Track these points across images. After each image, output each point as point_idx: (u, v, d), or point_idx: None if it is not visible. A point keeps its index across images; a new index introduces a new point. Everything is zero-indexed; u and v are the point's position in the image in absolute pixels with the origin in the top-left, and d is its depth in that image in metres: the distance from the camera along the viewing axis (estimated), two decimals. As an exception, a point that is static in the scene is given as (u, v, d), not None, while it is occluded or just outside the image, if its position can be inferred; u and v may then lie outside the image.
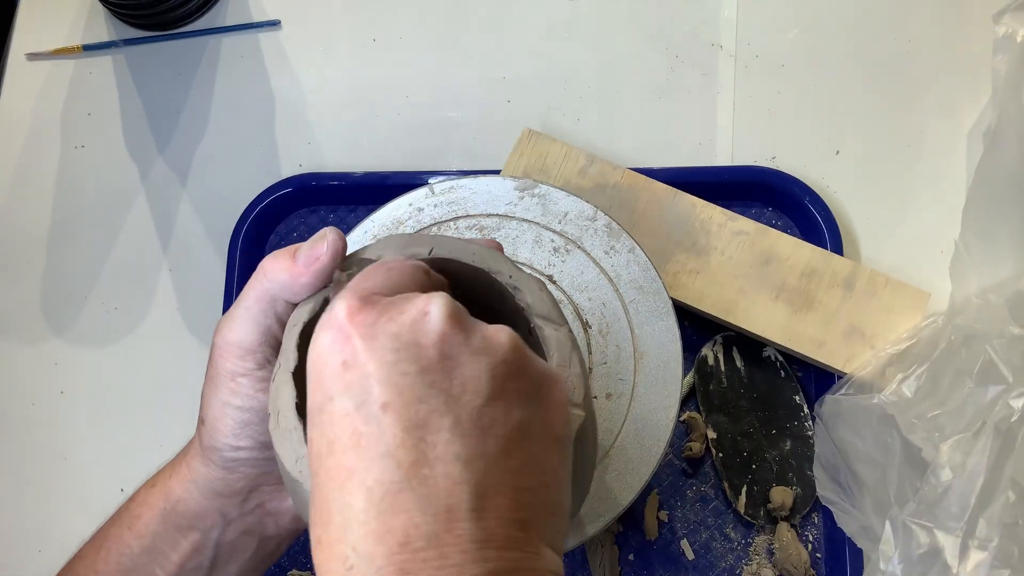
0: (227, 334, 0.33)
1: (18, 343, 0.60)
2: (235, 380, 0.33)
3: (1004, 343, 0.46)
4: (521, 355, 0.28)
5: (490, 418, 0.26)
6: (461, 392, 0.26)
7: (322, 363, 0.27)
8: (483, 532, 0.25)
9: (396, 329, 0.27)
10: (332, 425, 0.26)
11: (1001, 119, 0.52)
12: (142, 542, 0.35)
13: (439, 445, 0.25)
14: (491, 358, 0.27)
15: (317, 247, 0.32)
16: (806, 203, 0.56)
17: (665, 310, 0.45)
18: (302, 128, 0.63)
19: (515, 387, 0.27)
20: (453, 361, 0.26)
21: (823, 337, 0.51)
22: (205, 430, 0.34)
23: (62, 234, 0.62)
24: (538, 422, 0.27)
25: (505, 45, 0.63)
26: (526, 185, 0.48)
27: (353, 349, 0.26)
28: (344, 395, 0.26)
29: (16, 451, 0.58)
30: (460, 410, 0.26)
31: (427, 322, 0.27)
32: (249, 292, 0.33)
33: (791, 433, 0.52)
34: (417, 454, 0.25)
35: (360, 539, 0.24)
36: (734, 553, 0.51)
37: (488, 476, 0.25)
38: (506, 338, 0.28)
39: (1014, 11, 0.53)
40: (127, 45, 0.65)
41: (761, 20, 0.62)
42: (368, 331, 0.26)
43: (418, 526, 0.24)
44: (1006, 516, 0.43)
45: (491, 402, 0.26)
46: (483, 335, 0.27)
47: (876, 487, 0.47)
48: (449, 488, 0.25)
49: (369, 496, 0.24)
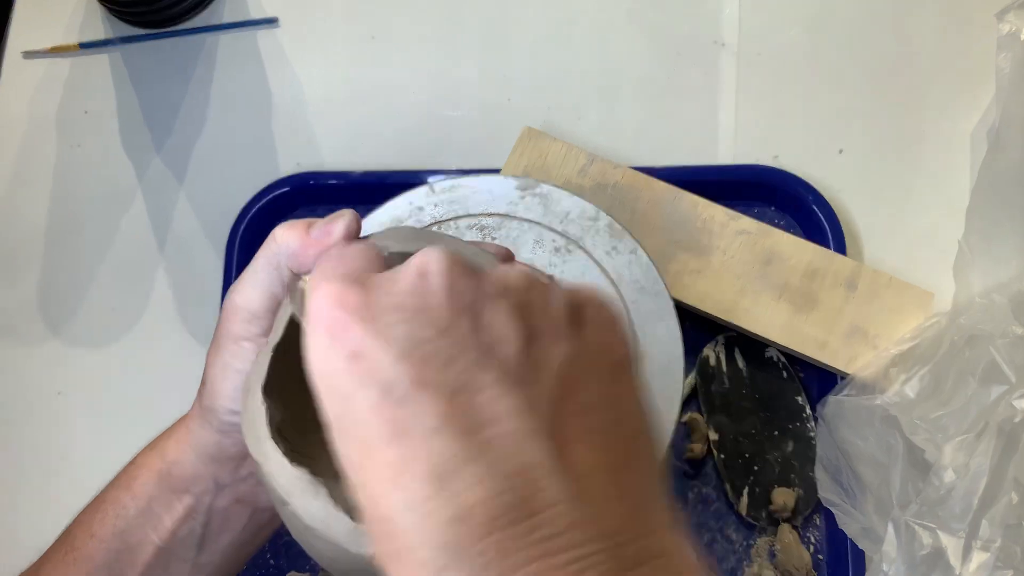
0: (235, 297, 0.33)
1: (15, 343, 0.60)
2: (238, 343, 0.33)
3: (1008, 343, 0.45)
4: (540, 286, 0.25)
5: (534, 361, 0.23)
6: (492, 342, 0.23)
7: (327, 366, 0.24)
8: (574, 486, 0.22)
9: (396, 300, 0.24)
10: (359, 425, 0.23)
11: (1005, 118, 0.52)
12: (138, 503, 0.35)
13: (489, 403, 0.22)
14: (510, 299, 0.24)
15: (334, 223, 0.31)
16: (809, 202, 0.55)
17: (667, 311, 0.45)
18: (300, 127, 0.62)
19: (548, 323, 0.24)
20: (471, 312, 0.24)
21: (825, 337, 0.51)
22: (205, 391, 0.34)
23: (59, 233, 0.61)
24: (589, 351, 0.25)
25: (505, 43, 0.63)
26: (527, 184, 0.48)
27: (354, 337, 0.23)
28: (363, 388, 0.23)
29: (14, 451, 0.57)
30: (499, 361, 0.23)
31: (429, 281, 0.24)
32: (259, 258, 0.33)
33: (793, 434, 0.52)
34: (469, 420, 0.22)
35: (439, 532, 0.21)
36: (736, 555, 0.51)
37: (556, 421, 0.23)
38: (520, 273, 0.25)
39: (1017, 9, 0.53)
40: (124, 43, 0.65)
41: (763, 18, 0.62)
42: (365, 312, 0.24)
43: (498, 496, 0.21)
44: (1009, 517, 0.43)
45: (528, 344, 0.24)
46: (495, 277, 0.25)
47: (878, 488, 0.47)
48: (518, 445, 0.22)
49: (431, 481, 0.22)
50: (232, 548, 0.37)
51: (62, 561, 0.37)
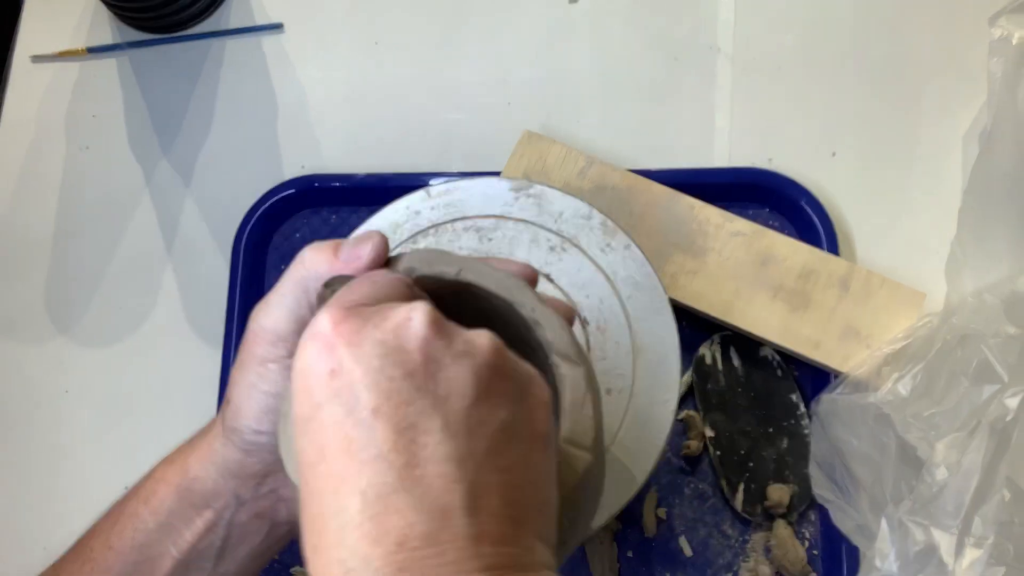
0: (261, 319, 0.34)
1: (23, 343, 0.60)
2: (264, 365, 0.34)
3: (999, 343, 0.46)
4: (503, 357, 0.28)
5: (477, 419, 0.27)
6: (447, 394, 0.27)
7: (308, 373, 0.27)
8: (477, 529, 0.25)
9: (381, 336, 0.27)
10: (322, 432, 0.26)
11: (996, 121, 0.52)
12: (157, 518, 0.36)
13: (430, 446, 0.26)
14: (474, 360, 0.28)
15: (362, 246, 0.33)
16: (803, 204, 0.56)
17: (662, 305, 0.46)
18: (304, 130, 0.63)
19: (499, 388, 0.28)
20: (437, 364, 0.27)
21: (820, 337, 0.52)
22: (230, 411, 0.35)
23: (67, 235, 0.62)
24: (523, 421, 0.28)
25: (505, 48, 0.64)
26: (521, 185, 0.48)
27: (339, 357, 0.27)
28: (332, 402, 0.26)
29: (21, 450, 0.58)
30: (448, 411, 0.26)
31: (410, 327, 0.27)
32: (286, 280, 0.34)
33: (788, 431, 0.53)
34: (408, 456, 0.25)
35: (357, 542, 0.25)
36: (732, 550, 0.52)
37: (479, 475, 0.26)
38: (487, 341, 0.28)
39: (1009, 13, 0.54)
40: (131, 48, 0.66)
41: (758, 23, 0.63)
42: (353, 339, 0.27)
43: (413, 525, 0.25)
44: (1001, 514, 0.43)
45: (477, 403, 0.27)
46: (465, 339, 0.28)
47: (872, 485, 0.48)
48: (443, 487, 0.25)
49: (364, 499, 0.25)
50: (249, 559, 0.38)
51: (79, 571, 0.37)
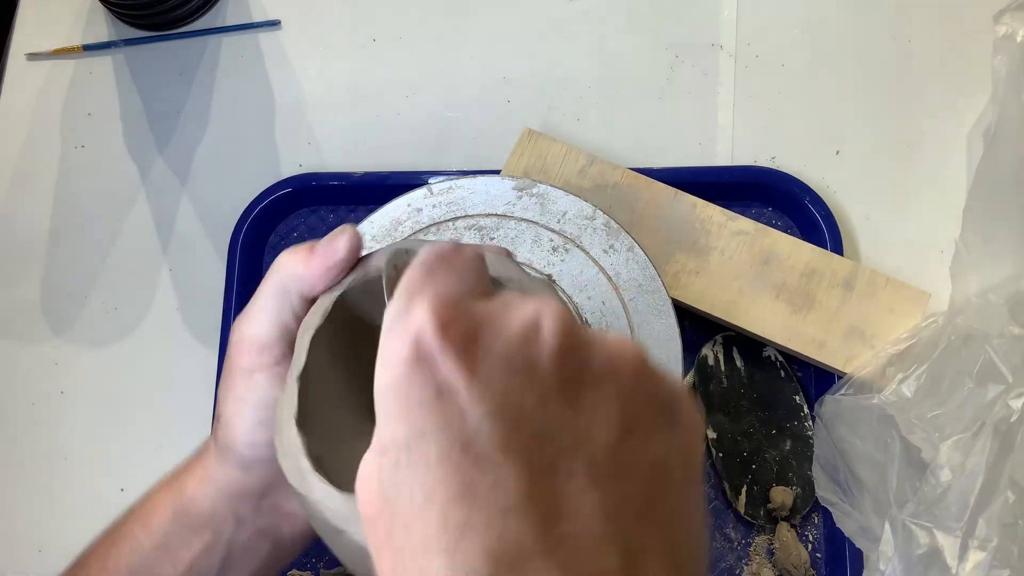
0: (243, 329, 0.32)
1: (18, 343, 0.60)
2: (251, 376, 0.32)
3: (1004, 343, 0.46)
4: (650, 373, 0.23)
5: (627, 457, 0.22)
6: (590, 427, 0.22)
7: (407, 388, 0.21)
8: None
9: (505, 347, 0.22)
10: (429, 470, 0.21)
11: (1001, 119, 0.52)
12: (153, 540, 0.35)
13: (574, 495, 0.21)
14: (619, 381, 0.22)
15: (336, 241, 0.31)
16: (806, 203, 0.56)
17: (664, 308, 0.45)
18: (302, 128, 0.63)
19: (649, 415, 0.23)
20: (576, 387, 0.22)
21: (823, 337, 0.51)
22: (220, 427, 0.33)
23: (62, 234, 0.62)
24: (677, 454, 0.23)
25: (505, 45, 0.63)
26: (524, 184, 0.48)
27: (450, 372, 0.21)
28: (444, 431, 0.21)
29: (16, 451, 0.58)
30: (593, 449, 0.21)
31: (541, 338, 0.22)
32: (265, 286, 0.32)
33: (791, 433, 0.52)
34: (548, 506, 0.20)
35: None
36: (734, 553, 0.51)
37: (636, 530, 0.21)
38: (633, 354, 0.23)
39: (1014, 11, 0.53)
40: (127, 45, 0.65)
41: (761, 20, 0.62)
42: (468, 350, 0.21)
43: None
44: (1005, 516, 0.43)
45: (626, 436, 0.22)
46: (607, 352, 0.23)
47: (875, 487, 0.47)
48: (593, 549, 0.20)
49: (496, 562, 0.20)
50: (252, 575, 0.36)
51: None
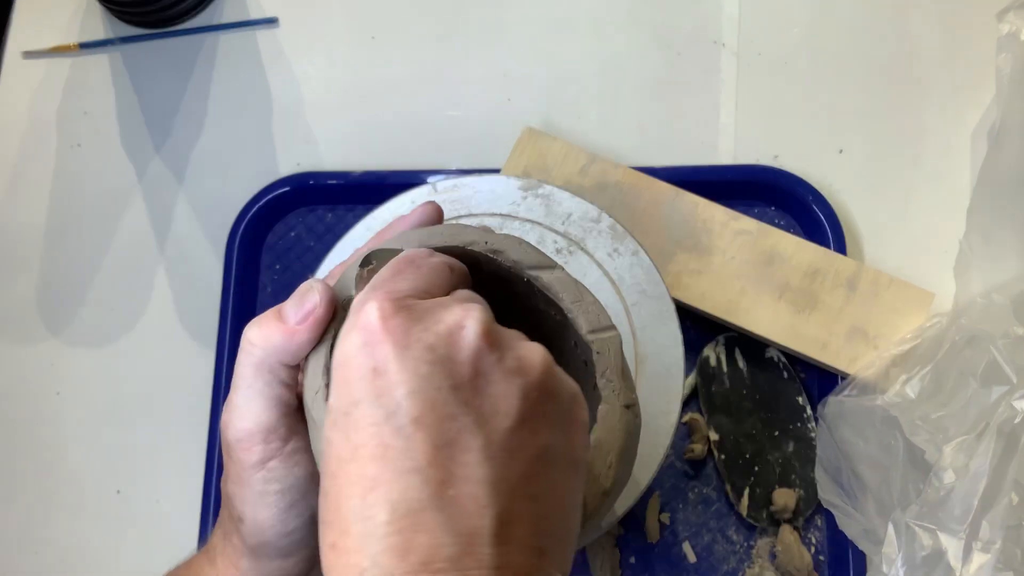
0: (239, 424, 0.31)
1: (14, 343, 0.59)
2: (266, 467, 0.31)
3: (1008, 344, 0.45)
4: (553, 377, 0.28)
5: (518, 441, 0.26)
6: (492, 413, 0.26)
7: (350, 365, 0.26)
8: (502, 559, 0.24)
9: (431, 340, 0.26)
10: (357, 431, 0.25)
11: (1005, 118, 0.52)
12: None
13: (467, 466, 0.25)
14: (524, 379, 0.27)
15: (308, 299, 0.30)
16: (809, 202, 0.55)
17: (668, 314, 0.45)
18: (300, 127, 0.62)
19: (545, 410, 0.27)
20: (486, 379, 0.26)
21: (826, 338, 0.51)
22: (247, 530, 0.32)
23: (58, 233, 0.61)
24: (561, 446, 0.27)
25: (505, 43, 0.63)
26: (530, 185, 0.48)
27: (385, 356, 0.26)
28: (372, 403, 0.25)
29: (12, 452, 0.57)
30: (490, 431, 0.25)
31: (463, 336, 0.26)
32: (244, 371, 0.31)
33: (794, 435, 0.52)
34: (445, 473, 0.25)
35: (380, 553, 0.24)
36: (736, 556, 0.51)
37: (511, 502, 0.25)
38: (540, 359, 0.27)
39: (1018, 9, 0.53)
40: (124, 43, 0.65)
41: (763, 18, 0.62)
42: (402, 339, 0.26)
43: (441, 547, 0.24)
44: (1009, 518, 0.42)
45: (521, 425, 0.26)
46: (518, 355, 0.27)
47: (879, 489, 0.47)
48: (474, 511, 0.25)
49: (393, 511, 0.24)
50: None
51: None
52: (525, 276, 0.33)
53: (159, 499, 0.55)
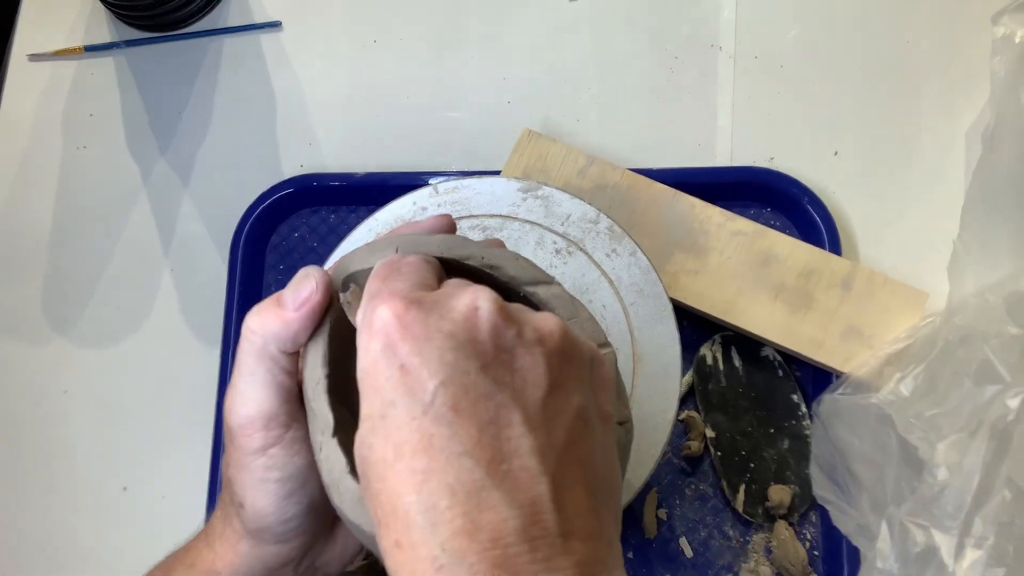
0: (241, 410, 0.31)
1: (21, 343, 0.60)
2: (266, 453, 0.31)
3: (1002, 343, 0.46)
4: (571, 340, 0.28)
5: (554, 407, 0.27)
6: (523, 385, 0.27)
7: (377, 371, 0.27)
8: (566, 525, 0.25)
9: (450, 327, 0.27)
10: (399, 430, 0.26)
11: (999, 120, 0.52)
12: None
13: (512, 440, 0.26)
14: (545, 347, 0.27)
15: (304, 287, 0.31)
16: (804, 203, 0.56)
17: (665, 313, 0.46)
18: (303, 129, 0.63)
19: (570, 373, 0.28)
20: (510, 354, 0.27)
21: (821, 337, 0.52)
22: (247, 515, 0.32)
23: (64, 235, 0.62)
24: (592, 404, 0.28)
25: (505, 46, 0.64)
26: (530, 187, 0.48)
27: (408, 352, 0.26)
28: (407, 399, 0.26)
29: (19, 451, 0.58)
30: (526, 402, 0.26)
31: (479, 317, 0.27)
32: (245, 358, 0.31)
33: (789, 432, 0.53)
34: (493, 451, 0.25)
35: (449, 538, 0.24)
36: (732, 551, 0.51)
37: (561, 466, 0.26)
38: (555, 325, 0.28)
39: (1012, 12, 0.53)
40: (129, 46, 0.65)
41: (760, 21, 0.62)
42: (421, 332, 0.26)
43: (507, 521, 0.24)
44: (1002, 515, 0.43)
45: (552, 391, 0.27)
46: (534, 326, 0.28)
47: (873, 486, 0.48)
48: (529, 481, 0.25)
49: (453, 495, 0.25)
50: None
51: None
52: (521, 291, 0.33)
53: (164, 496, 0.56)
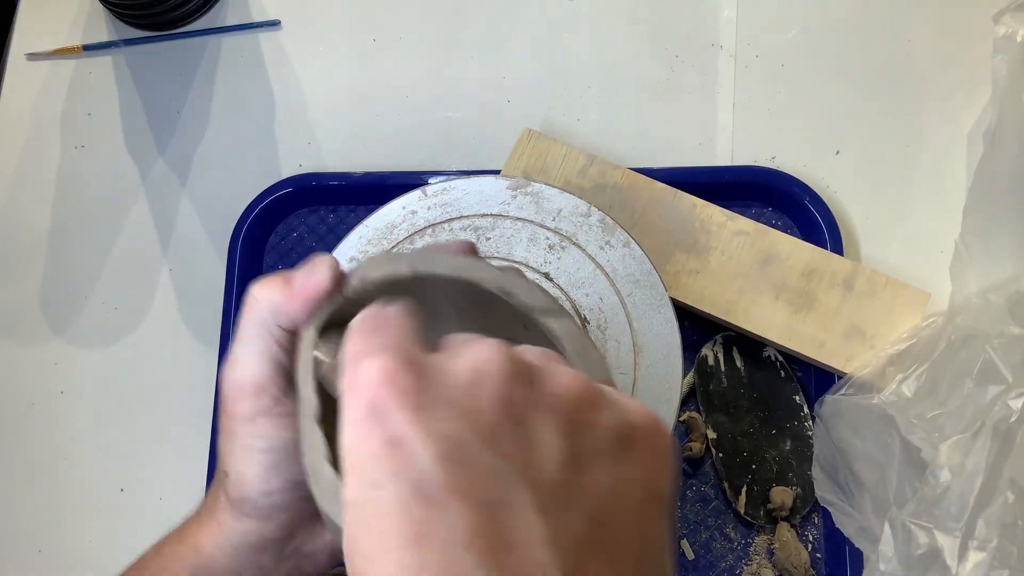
0: (233, 376, 0.31)
1: (18, 343, 0.60)
2: (254, 422, 0.30)
3: (1004, 343, 0.45)
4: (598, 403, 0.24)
5: (572, 485, 0.23)
6: (536, 459, 0.23)
7: (360, 444, 0.22)
8: None
9: (448, 394, 0.23)
10: (384, 518, 0.22)
11: (1001, 119, 0.52)
12: None
13: (520, 527, 0.22)
14: (563, 414, 0.24)
15: (316, 272, 0.30)
16: (806, 203, 0.56)
17: (662, 303, 0.45)
18: (302, 128, 0.63)
19: (596, 444, 0.24)
20: (521, 422, 0.23)
21: (823, 337, 0.51)
22: (231, 482, 0.31)
23: (62, 234, 0.62)
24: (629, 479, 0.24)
25: (505, 45, 0.63)
26: (518, 184, 0.48)
27: (399, 422, 0.22)
28: (395, 480, 0.22)
29: (16, 451, 0.58)
30: (537, 480, 0.22)
31: (486, 378, 0.23)
32: (245, 326, 0.30)
33: (791, 433, 0.52)
34: (496, 539, 0.21)
35: None
36: (734, 553, 0.51)
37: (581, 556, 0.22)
38: (580, 387, 0.24)
39: (1014, 11, 0.53)
40: (127, 45, 0.65)
41: (761, 20, 0.62)
42: (415, 399, 0.22)
43: None
44: (1005, 516, 0.43)
45: (572, 467, 0.23)
46: (550, 388, 0.24)
47: (875, 487, 0.47)
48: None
49: None
50: None
51: None
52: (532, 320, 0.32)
53: (162, 496, 0.56)
